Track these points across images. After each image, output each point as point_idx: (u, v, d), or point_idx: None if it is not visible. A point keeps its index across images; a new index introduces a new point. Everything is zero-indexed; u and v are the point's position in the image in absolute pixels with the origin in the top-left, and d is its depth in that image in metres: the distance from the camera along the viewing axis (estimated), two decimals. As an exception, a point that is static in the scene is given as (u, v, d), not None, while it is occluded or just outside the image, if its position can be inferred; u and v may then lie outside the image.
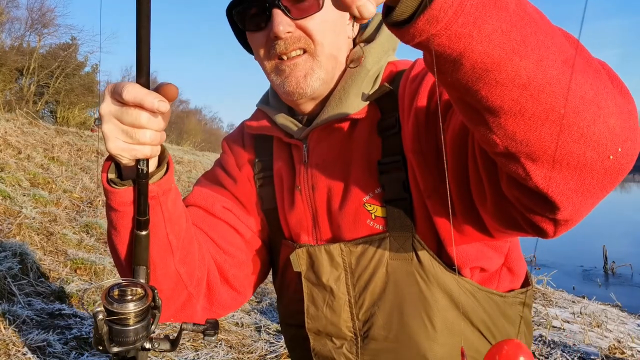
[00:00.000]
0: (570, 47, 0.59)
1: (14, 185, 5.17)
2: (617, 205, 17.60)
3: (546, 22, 0.59)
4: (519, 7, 0.56)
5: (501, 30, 0.54)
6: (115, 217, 0.84)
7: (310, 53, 0.93)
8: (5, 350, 2.42)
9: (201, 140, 38.75)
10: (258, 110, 1.12)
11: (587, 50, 0.63)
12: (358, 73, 0.96)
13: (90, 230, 4.84)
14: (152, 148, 0.75)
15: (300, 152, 1.01)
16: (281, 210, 1.08)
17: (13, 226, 4.02)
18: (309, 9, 0.90)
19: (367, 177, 0.93)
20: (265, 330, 3.38)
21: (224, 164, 1.15)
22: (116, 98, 0.72)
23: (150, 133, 0.73)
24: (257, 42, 0.95)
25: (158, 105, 0.70)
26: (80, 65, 23.16)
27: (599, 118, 0.58)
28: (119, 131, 0.73)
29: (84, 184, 6.39)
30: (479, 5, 0.52)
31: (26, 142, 7.25)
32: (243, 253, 1.08)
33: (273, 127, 1.05)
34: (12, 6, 21.27)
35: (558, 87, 0.56)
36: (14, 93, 19.81)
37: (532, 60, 0.55)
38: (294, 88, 0.94)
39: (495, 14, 0.53)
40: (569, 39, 0.61)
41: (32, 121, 9.11)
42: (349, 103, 0.94)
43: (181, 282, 0.94)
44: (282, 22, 0.89)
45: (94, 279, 3.73)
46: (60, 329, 2.79)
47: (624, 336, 3.91)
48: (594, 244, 8.74)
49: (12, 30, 21.86)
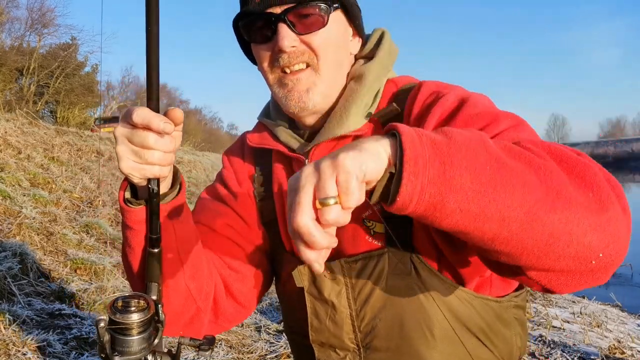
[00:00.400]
0: (538, 185, 0.65)
1: (14, 185, 5.17)
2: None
3: (510, 173, 0.64)
4: (475, 180, 0.62)
5: (459, 210, 0.63)
6: (129, 234, 0.89)
7: (313, 67, 0.96)
8: (5, 350, 2.42)
9: (201, 140, 38.68)
10: (259, 123, 1.14)
11: (563, 171, 0.68)
12: (359, 90, 0.98)
13: (90, 230, 4.84)
14: (160, 168, 0.80)
15: (302, 166, 1.01)
16: (282, 223, 1.09)
17: (13, 226, 4.02)
18: (314, 25, 0.94)
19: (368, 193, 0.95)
20: (265, 330, 3.38)
21: (224, 179, 1.17)
22: (127, 121, 0.77)
23: (159, 154, 0.78)
24: (261, 54, 0.98)
25: (164, 127, 0.75)
26: (80, 65, 23.15)
27: (572, 242, 0.65)
28: (129, 151, 0.78)
29: (84, 184, 6.39)
30: (436, 194, 0.62)
31: (26, 142, 7.25)
32: (246, 268, 1.10)
33: (275, 141, 1.07)
34: (12, 6, 21.25)
35: (524, 235, 0.64)
36: (14, 93, 19.79)
37: (495, 222, 0.63)
38: (296, 102, 0.97)
39: (452, 197, 0.62)
40: (541, 170, 0.66)
41: (32, 121, 9.11)
42: (350, 120, 0.97)
43: (190, 297, 0.97)
44: (287, 37, 0.92)
45: (93, 279, 3.73)
46: (60, 329, 2.79)
47: (624, 336, 3.91)
48: (594, 244, 8.74)
49: (12, 30, 21.86)
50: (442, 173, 0.61)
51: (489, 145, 0.66)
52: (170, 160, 0.81)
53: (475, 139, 0.66)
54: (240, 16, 0.98)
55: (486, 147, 0.65)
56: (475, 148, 0.64)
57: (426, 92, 0.95)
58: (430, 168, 0.61)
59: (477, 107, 0.88)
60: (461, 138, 0.65)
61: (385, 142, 0.65)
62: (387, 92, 1.02)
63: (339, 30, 0.98)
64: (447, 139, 0.65)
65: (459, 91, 0.93)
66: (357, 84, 0.99)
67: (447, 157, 0.62)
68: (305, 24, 0.93)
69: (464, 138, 0.65)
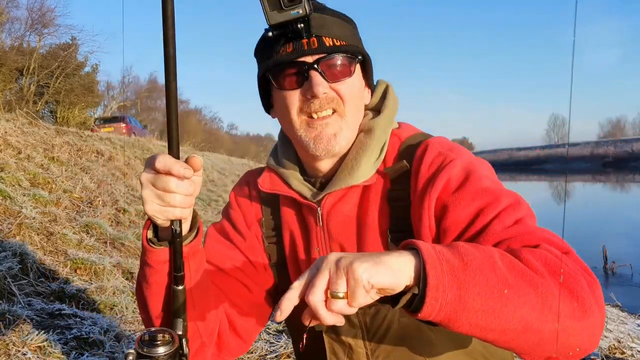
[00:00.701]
0: (536, 303, 0.77)
1: (14, 185, 5.17)
2: (617, 205, 17.60)
3: (514, 294, 0.76)
4: (484, 303, 0.74)
5: (468, 323, 0.75)
6: (149, 272, 0.95)
7: (339, 113, 1.04)
8: (5, 350, 2.42)
9: (201, 140, 38.62)
10: (268, 168, 1.19)
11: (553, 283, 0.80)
12: (369, 144, 1.07)
13: (90, 230, 4.84)
14: (182, 210, 0.86)
15: (314, 214, 1.10)
16: (292, 266, 1.17)
17: (13, 226, 4.02)
18: (342, 74, 1.03)
19: (379, 242, 1.05)
20: (265, 330, 3.38)
21: (233, 220, 1.22)
22: (151, 167, 0.85)
23: (180, 197, 0.84)
24: (291, 99, 1.04)
25: (183, 172, 0.82)
26: (80, 65, 23.14)
27: (557, 343, 0.78)
28: (154, 195, 0.85)
29: (84, 184, 6.40)
30: (450, 312, 0.74)
31: (26, 142, 7.25)
32: (250, 306, 1.17)
33: (287, 188, 1.13)
34: (12, 6, 21.25)
35: (519, 339, 0.78)
36: (14, 93, 19.78)
37: (497, 332, 0.77)
38: (324, 145, 1.04)
39: (464, 315, 0.74)
40: (539, 286, 0.78)
41: (32, 121, 9.11)
42: (360, 171, 1.05)
43: (197, 333, 1.03)
44: (321, 84, 0.99)
45: (93, 278, 3.73)
46: (60, 329, 2.79)
47: (624, 336, 3.91)
48: (593, 244, 8.73)
49: (12, 30, 21.87)
50: (458, 297, 0.73)
51: (498, 267, 0.77)
52: (190, 203, 0.87)
53: (487, 263, 0.77)
54: (272, 65, 1.04)
55: (495, 271, 0.77)
56: (487, 273, 0.76)
57: (432, 153, 1.03)
58: (449, 293, 0.73)
59: (482, 181, 0.97)
60: (475, 263, 0.76)
61: (408, 261, 0.74)
62: (392, 144, 1.11)
63: (360, 80, 1.09)
64: (463, 264, 0.75)
65: (464, 159, 1.02)
66: (367, 137, 1.08)
67: (464, 283, 0.74)
68: (335, 72, 1.02)
69: (477, 263, 0.76)
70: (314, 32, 0.99)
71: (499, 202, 0.94)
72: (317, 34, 1.00)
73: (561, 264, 0.82)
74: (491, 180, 1.00)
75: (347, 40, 1.03)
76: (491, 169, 1.05)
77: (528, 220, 0.93)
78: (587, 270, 0.85)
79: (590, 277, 0.84)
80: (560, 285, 0.79)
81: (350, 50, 1.03)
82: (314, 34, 0.99)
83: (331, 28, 1.01)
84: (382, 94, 1.16)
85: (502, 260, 0.79)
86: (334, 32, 1.02)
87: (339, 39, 1.02)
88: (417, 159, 1.05)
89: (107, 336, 2.82)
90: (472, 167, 1.00)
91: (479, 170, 0.99)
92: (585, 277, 0.83)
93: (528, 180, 39.79)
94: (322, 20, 1.00)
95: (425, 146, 1.05)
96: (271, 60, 1.03)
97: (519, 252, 0.83)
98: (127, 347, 2.76)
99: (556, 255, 0.84)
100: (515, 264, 0.80)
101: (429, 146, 1.05)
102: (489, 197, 0.95)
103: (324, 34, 1.00)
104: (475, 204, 0.94)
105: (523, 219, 0.93)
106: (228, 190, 12.80)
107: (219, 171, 17.78)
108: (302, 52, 1.00)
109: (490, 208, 0.93)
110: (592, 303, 0.79)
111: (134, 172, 9.33)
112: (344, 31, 1.04)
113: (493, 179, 1.01)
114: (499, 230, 0.90)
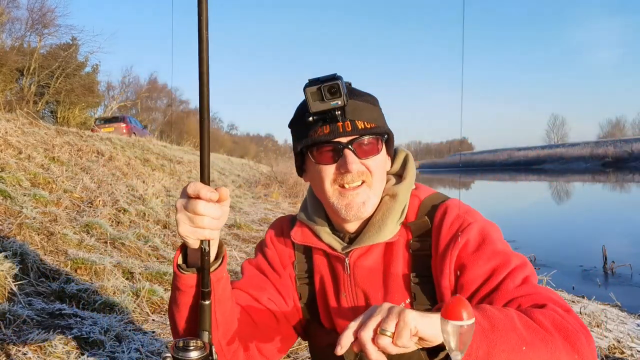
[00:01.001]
0: (545, 357, 0.94)
1: (14, 185, 5.18)
2: (617, 205, 17.60)
3: (530, 350, 0.93)
4: (507, 358, 0.92)
5: None
6: (179, 295, 1.10)
7: (367, 184, 1.22)
8: (6, 350, 2.43)
9: (201, 140, 38.20)
10: (300, 223, 1.37)
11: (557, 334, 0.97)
12: (394, 207, 1.25)
13: (90, 230, 4.84)
14: (210, 231, 0.98)
15: (343, 263, 1.27)
16: (322, 306, 1.35)
17: (13, 226, 4.02)
18: (371, 151, 1.21)
19: (400, 289, 1.21)
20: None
21: (269, 258, 1.40)
22: (184, 193, 0.97)
23: (208, 219, 0.96)
24: (326, 173, 1.22)
25: (210, 195, 0.94)
26: (81, 65, 23.15)
27: None
28: (185, 218, 0.96)
29: (84, 184, 6.40)
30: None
31: (27, 142, 7.26)
32: (275, 334, 1.34)
33: (318, 241, 1.31)
34: (12, 6, 21.26)
35: None
36: (15, 93, 19.79)
37: None
38: (355, 212, 1.21)
39: None
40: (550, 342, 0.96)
41: (33, 121, 9.12)
42: (386, 231, 1.22)
43: (221, 351, 1.17)
44: (354, 162, 1.18)
45: (94, 278, 3.74)
46: (61, 328, 2.80)
47: (624, 336, 3.91)
48: (593, 244, 8.72)
49: (13, 30, 21.87)
50: (487, 354, 0.91)
51: (517, 328, 0.94)
52: (218, 226, 0.98)
53: (509, 325, 0.94)
54: (311, 143, 1.22)
55: (515, 331, 0.94)
56: (509, 334, 0.93)
57: (452, 215, 1.20)
58: (480, 350, 0.90)
59: (496, 244, 1.15)
60: (500, 325, 0.93)
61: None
62: (412, 203, 1.28)
63: (385, 154, 1.27)
64: (491, 326, 0.93)
65: (480, 223, 1.19)
66: (392, 200, 1.26)
67: (492, 342, 0.91)
68: (365, 150, 1.20)
69: (502, 325, 0.93)
70: (348, 117, 1.18)
71: (510, 263, 1.12)
72: (350, 118, 1.18)
73: (566, 323, 0.98)
74: (502, 243, 1.18)
75: (376, 122, 1.22)
76: (500, 231, 1.22)
77: (533, 279, 1.11)
78: (584, 326, 1.01)
79: (586, 332, 1.00)
80: (565, 340, 0.96)
81: (378, 132, 1.22)
82: (348, 119, 1.18)
83: (362, 113, 1.20)
84: (402, 162, 1.35)
85: (520, 321, 0.96)
86: (365, 116, 1.20)
87: (368, 122, 1.20)
88: (438, 218, 1.22)
89: (108, 336, 2.83)
90: (486, 231, 1.18)
91: (492, 234, 1.18)
92: (583, 332, 0.99)
93: (527, 180, 39.80)
94: (355, 105, 1.19)
95: (445, 207, 1.23)
96: (310, 139, 1.22)
97: (530, 312, 1.00)
98: (129, 347, 2.77)
99: (560, 314, 1.00)
100: (530, 324, 0.96)
101: (448, 208, 1.22)
102: (502, 258, 1.13)
103: (356, 118, 1.19)
104: (490, 264, 1.12)
105: (529, 278, 1.11)
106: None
107: (219, 171, 17.78)
108: (338, 134, 1.18)
109: (502, 268, 1.11)
110: (589, 356, 0.97)
111: (134, 172, 9.33)
112: (372, 114, 1.22)
113: (503, 241, 1.19)
114: (511, 288, 1.08)
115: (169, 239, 5.83)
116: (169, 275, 4.20)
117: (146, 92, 41.99)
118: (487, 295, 1.10)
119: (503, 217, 13.27)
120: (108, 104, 35.14)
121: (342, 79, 1.14)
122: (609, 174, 36.82)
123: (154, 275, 4.18)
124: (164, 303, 3.68)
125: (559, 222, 13.32)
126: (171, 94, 49.19)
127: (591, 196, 22.49)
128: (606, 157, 50.81)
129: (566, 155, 59.43)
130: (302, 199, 14.21)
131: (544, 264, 7.70)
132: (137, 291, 3.65)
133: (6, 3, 20.52)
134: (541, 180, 37.75)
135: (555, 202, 20.87)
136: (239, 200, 11.53)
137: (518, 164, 67.18)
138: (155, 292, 3.72)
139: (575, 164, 54.44)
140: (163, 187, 8.85)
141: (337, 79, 1.13)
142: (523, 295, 1.06)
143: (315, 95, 1.13)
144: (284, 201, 13.24)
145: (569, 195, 23.57)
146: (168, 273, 4.23)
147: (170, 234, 6.05)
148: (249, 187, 15.63)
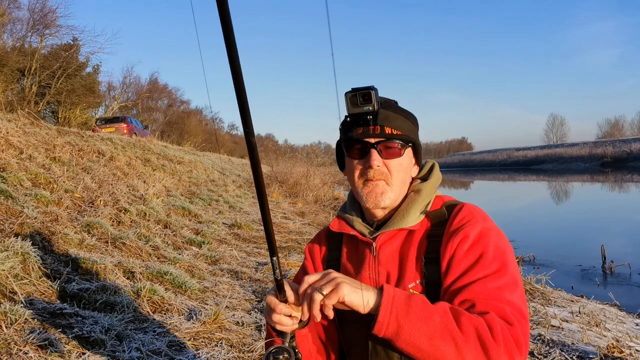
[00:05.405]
0: (453, 354, 1.09)
1: (15, 185, 5.19)
2: (616, 205, 17.60)
3: (435, 341, 1.10)
4: (412, 343, 1.11)
5: (401, 348, 1.14)
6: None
7: (387, 182, 1.41)
8: (7, 350, 2.44)
9: (202, 140, 38.51)
10: (338, 216, 1.59)
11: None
12: (417, 199, 1.44)
13: (91, 230, 4.86)
14: (281, 326, 1.24)
15: (370, 247, 1.45)
16: None
17: (15, 226, 4.04)
18: (394, 154, 1.40)
19: (415, 270, 1.36)
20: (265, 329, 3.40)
21: (307, 270, 1.60)
22: (266, 303, 1.27)
23: (278, 318, 1.23)
24: (355, 166, 1.44)
25: (282, 312, 1.23)
26: (82, 65, 23.16)
27: None
28: (270, 319, 1.25)
29: (85, 184, 6.42)
30: (390, 338, 1.13)
31: (28, 142, 7.28)
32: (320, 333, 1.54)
33: (351, 229, 1.51)
34: (13, 7, 21.29)
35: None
36: (16, 93, 19.81)
37: None
38: (373, 200, 1.41)
39: (397, 343, 1.13)
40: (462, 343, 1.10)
41: (34, 121, 9.14)
42: (409, 218, 1.41)
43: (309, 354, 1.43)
44: (377, 159, 1.38)
45: (95, 278, 3.75)
46: (62, 328, 2.81)
47: (623, 335, 3.93)
48: (592, 243, 8.74)
49: (14, 31, 21.88)
50: (395, 333, 1.12)
51: (433, 321, 1.11)
52: (288, 323, 1.24)
53: (426, 315, 1.12)
54: (346, 140, 1.44)
55: (428, 323, 1.11)
56: (420, 322, 1.11)
57: (465, 212, 1.38)
58: (390, 327, 1.12)
59: (487, 247, 1.28)
60: (417, 315, 1.11)
61: (372, 296, 1.15)
62: (436, 202, 1.47)
63: (409, 160, 1.45)
64: (406, 312, 1.12)
65: (485, 225, 1.33)
66: (416, 195, 1.45)
67: (401, 325, 1.12)
68: (389, 152, 1.40)
69: (419, 315, 1.11)
70: (379, 122, 1.38)
71: (489, 268, 1.24)
72: (381, 124, 1.38)
73: (492, 334, 1.10)
74: (498, 250, 1.29)
75: (403, 131, 1.41)
76: (505, 240, 1.34)
77: (506, 291, 1.21)
78: (519, 345, 1.12)
79: (513, 349, 1.10)
80: (480, 348, 1.09)
81: (403, 139, 1.40)
82: (378, 124, 1.38)
83: (392, 121, 1.39)
84: (429, 169, 1.53)
85: (442, 317, 1.12)
86: (394, 125, 1.39)
87: (396, 129, 1.39)
88: (454, 213, 1.40)
89: (109, 335, 2.84)
90: (486, 234, 1.31)
91: (491, 239, 1.30)
92: (508, 347, 1.10)
93: (527, 180, 39.77)
94: (387, 114, 1.39)
95: (462, 205, 1.42)
96: (347, 136, 1.43)
97: (461, 314, 1.13)
98: (130, 346, 2.78)
99: (494, 326, 1.11)
100: (450, 323, 1.11)
101: (464, 206, 1.41)
102: (485, 261, 1.26)
103: (386, 124, 1.39)
104: (471, 263, 1.26)
105: (503, 288, 1.21)
106: (228, 190, 12.82)
107: (219, 171, 17.80)
108: (368, 135, 1.39)
109: (480, 270, 1.24)
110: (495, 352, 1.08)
111: (135, 172, 9.35)
112: (402, 125, 1.41)
113: (501, 250, 1.30)
114: (476, 290, 1.21)
115: (170, 238, 5.84)
116: (169, 275, 4.22)
117: (147, 92, 42.05)
118: (458, 291, 1.23)
119: (503, 217, 13.28)
120: (109, 104, 35.16)
121: (376, 90, 1.34)
122: (608, 174, 36.77)
123: (154, 274, 4.20)
124: (165, 302, 3.69)
125: (558, 222, 13.32)
126: (172, 94, 49.14)
127: (590, 196, 22.47)
128: (605, 157, 50.76)
129: (565, 155, 59.36)
130: (301, 198, 14.25)
131: (543, 263, 7.71)
132: (138, 290, 3.67)
133: (7, 3, 20.54)
134: (540, 180, 37.69)
135: (555, 202, 20.88)
136: (239, 200, 11.55)
137: (517, 163, 67.13)
138: (155, 291, 3.73)
139: (574, 164, 54.38)
140: (164, 187, 8.86)
141: (371, 89, 1.33)
142: (482, 299, 1.19)
143: (351, 100, 1.34)
144: (284, 201, 13.26)
145: (568, 195, 23.57)
146: (168, 272, 4.25)
147: (171, 234, 6.06)
148: (249, 187, 15.64)
